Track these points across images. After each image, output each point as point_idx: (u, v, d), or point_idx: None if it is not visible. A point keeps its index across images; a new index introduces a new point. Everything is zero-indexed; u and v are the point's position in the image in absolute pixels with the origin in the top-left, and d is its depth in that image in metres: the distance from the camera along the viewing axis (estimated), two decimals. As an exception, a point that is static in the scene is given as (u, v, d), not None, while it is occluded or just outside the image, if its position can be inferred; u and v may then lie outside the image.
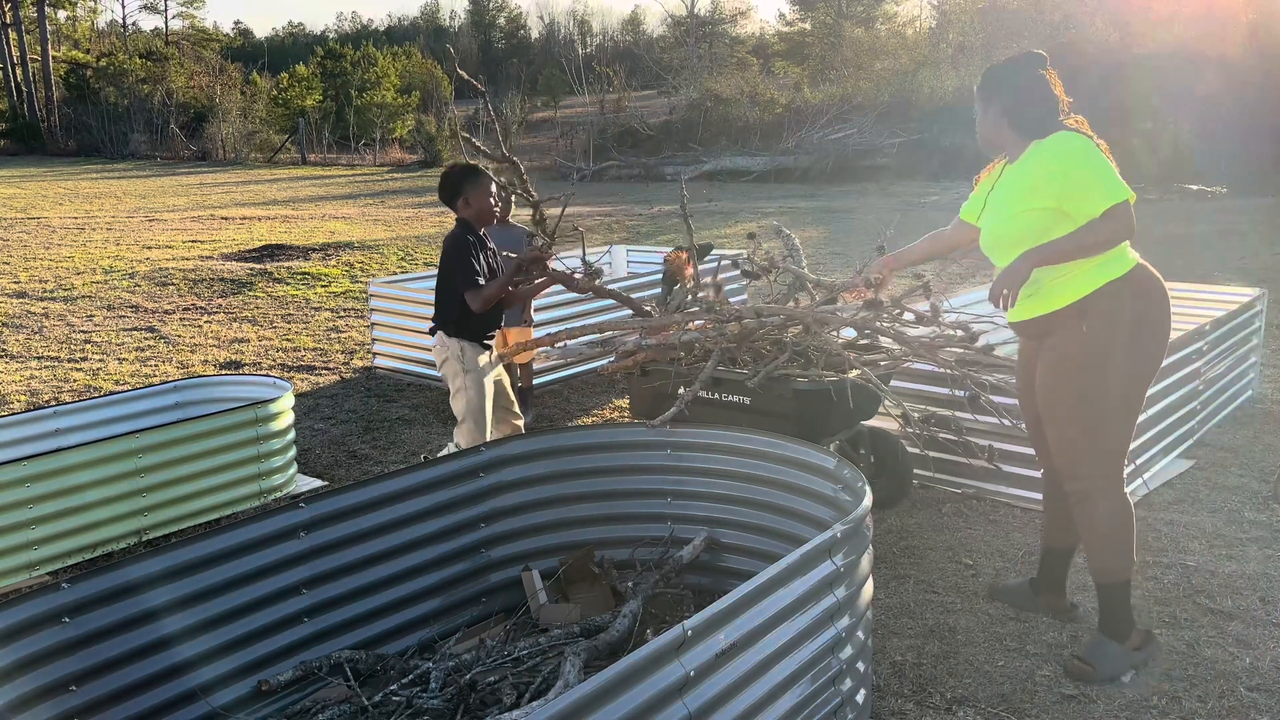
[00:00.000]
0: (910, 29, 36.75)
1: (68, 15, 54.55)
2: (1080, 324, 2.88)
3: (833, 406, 3.73)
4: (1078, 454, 2.96)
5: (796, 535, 3.09)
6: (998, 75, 3.03)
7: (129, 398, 4.75)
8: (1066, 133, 2.89)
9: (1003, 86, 2.99)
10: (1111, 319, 2.86)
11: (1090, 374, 2.89)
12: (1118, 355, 2.88)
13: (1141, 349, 2.91)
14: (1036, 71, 2.97)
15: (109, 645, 2.48)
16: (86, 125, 36.70)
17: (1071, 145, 2.85)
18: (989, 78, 3.05)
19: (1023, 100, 2.94)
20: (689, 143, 27.02)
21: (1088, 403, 2.90)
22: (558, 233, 5.31)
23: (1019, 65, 3.01)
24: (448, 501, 3.21)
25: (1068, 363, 2.92)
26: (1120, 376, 2.89)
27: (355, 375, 6.77)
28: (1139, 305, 2.88)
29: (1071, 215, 2.83)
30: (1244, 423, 5.35)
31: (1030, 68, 2.98)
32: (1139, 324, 2.88)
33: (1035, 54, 3.04)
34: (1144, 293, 2.90)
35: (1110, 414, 2.91)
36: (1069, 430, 2.96)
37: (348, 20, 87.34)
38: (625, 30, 67.51)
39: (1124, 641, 2.98)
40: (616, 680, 1.89)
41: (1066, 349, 2.92)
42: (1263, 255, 10.75)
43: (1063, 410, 2.96)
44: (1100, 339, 2.87)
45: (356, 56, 38.05)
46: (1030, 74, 2.96)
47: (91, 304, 9.19)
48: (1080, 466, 2.96)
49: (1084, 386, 2.90)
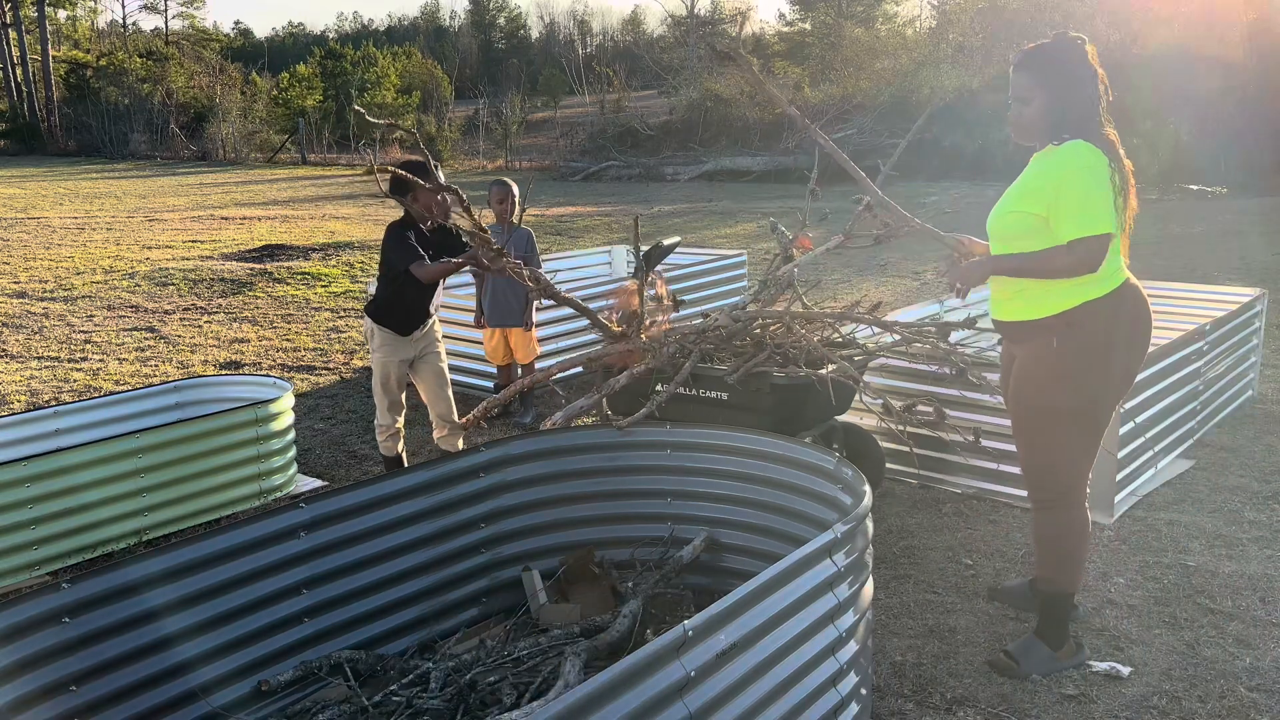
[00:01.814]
0: (910, 29, 36.76)
1: (68, 15, 54.58)
2: (1051, 339, 2.82)
3: (809, 401, 3.77)
4: (1036, 466, 2.95)
5: (797, 535, 3.09)
6: (1047, 58, 2.79)
7: (129, 398, 4.75)
8: (1082, 145, 2.75)
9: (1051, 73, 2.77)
10: (1084, 340, 2.79)
11: (1053, 391, 2.84)
12: (1085, 376, 2.80)
13: (1111, 371, 2.82)
14: (1087, 61, 2.77)
15: (109, 645, 2.48)
16: (86, 125, 36.70)
17: (1078, 160, 2.73)
18: (1038, 60, 2.81)
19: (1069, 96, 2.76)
20: (689, 143, 27.01)
21: (1047, 419, 2.87)
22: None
23: (1069, 51, 2.78)
24: (448, 501, 3.21)
25: (1034, 376, 2.88)
26: (1084, 397, 2.83)
27: (355, 375, 6.77)
28: (1116, 327, 2.80)
29: (1052, 232, 2.76)
30: (1244, 423, 5.35)
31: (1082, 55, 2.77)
32: (1112, 346, 2.80)
33: (1079, 39, 2.81)
34: (1125, 314, 2.81)
35: (1070, 432, 2.86)
36: (1028, 441, 2.94)
37: (348, 20, 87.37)
38: (625, 30, 67.53)
39: (1056, 650, 2.98)
40: (617, 680, 1.89)
41: (1035, 362, 2.88)
42: (1263, 255, 10.75)
43: (1022, 421, 2.94)
44: (1068, 358, 2.81)
45: (356, 56, 38.05)
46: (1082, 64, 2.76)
47: (91, 304, 9.19)
48: (1037, 478, 2.95)
49: (1045, 402, 2.86)
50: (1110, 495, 4.10)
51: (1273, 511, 4.17)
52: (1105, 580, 3.58)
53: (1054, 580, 2.98)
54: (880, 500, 4.31)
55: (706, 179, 24.10)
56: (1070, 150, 2.76)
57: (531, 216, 15.97)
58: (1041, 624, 3.02)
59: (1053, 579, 2.99)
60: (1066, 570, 2.97)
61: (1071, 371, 2.81)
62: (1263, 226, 13.30)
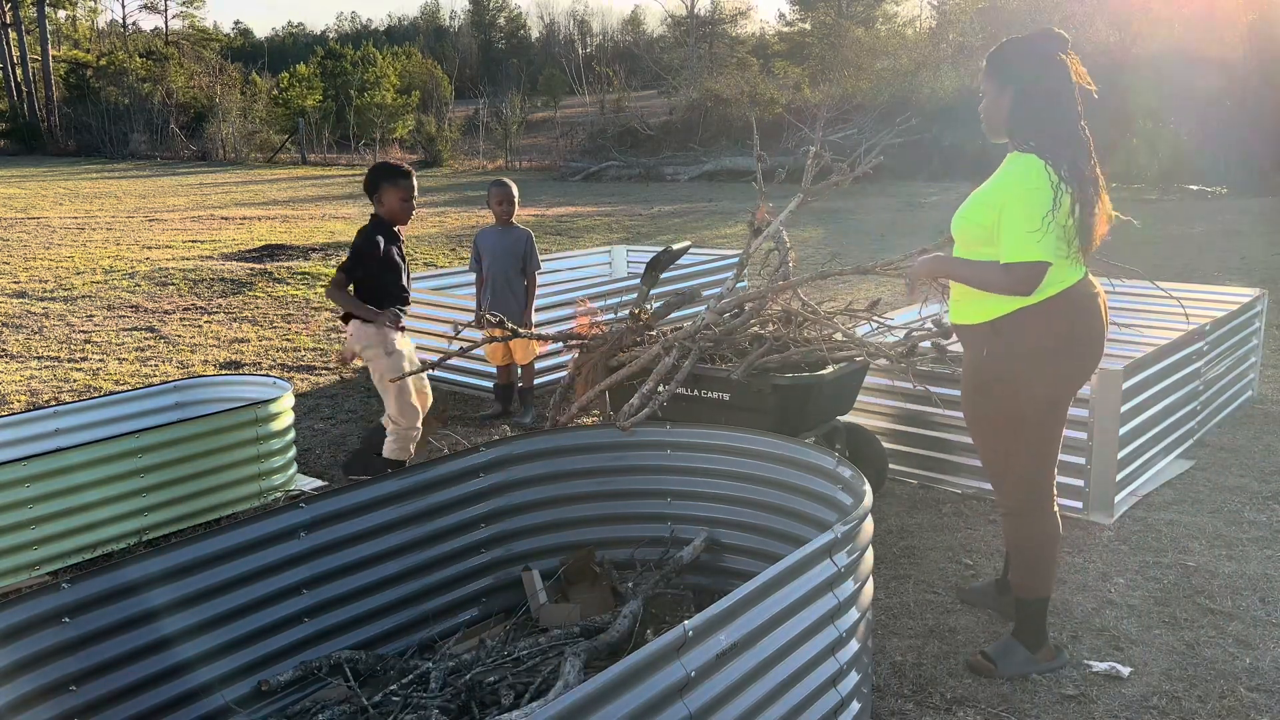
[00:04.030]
0: (910, 29, 36.77)
1: (68, 15, 54.60)
2: (983, 347, 2.80)
3: (811, 401, 3.77)
4: (994, 473, 2.95)
5: (797, 535, 3.09)
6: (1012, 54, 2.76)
7: (129, 398, 4.74)
8: (1033, 163, 2.68)
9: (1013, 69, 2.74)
10: (1011, 348, 2.75)
11: (989, 399, 2.83)
12: (1015, 384, 2.76)
13: (1045, 379, 2.76)
14: (1056, 57, 2.71)
15: (109, 645, 2.48)
16: (86, 125, 36.70)
17: (1024, 182, 2.66)
18: (1002, 56, 2.78)
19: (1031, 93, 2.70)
20: (689, 143, 27.01)
21: (984, 426, 2.87)
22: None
23: (1036, 46, 2.74)
24: (447, 502, 3.21)
25: (966, 382, 2.88)
26: (1028, 403, 2.77)
27: (355, 375, 6.77)
28: (1047, 336, 2.73)
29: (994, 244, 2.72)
30: (1244, 423, 5.35)
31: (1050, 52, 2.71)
32: (1043, 354, 2.74)
33: (1056, 34, 2.75)
34: (1059, 324, 2.73)
35: (1011, 439, 2.83)
36: (981, 448, 2.94)
37: (348, 20, 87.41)
38: (625, 30, 67.55)
39: (1034, 651, 2.98)
40: (617, 681, 1.89)
41: (968, 368, 2.88)
42: (1263, 255, 10.75)
43: (972, 428, 2.95)
44: (999, 365, 2.78)
45: (356, 56, 38.07)
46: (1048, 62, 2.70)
47: (91, 304, 9.19)
48: (999, 484, 2.94)
49: (985, 410, 2.85)
50: (1110, 495, 4.10)
51: (1272, 512, 4.17)
52: (1105, 580, 3.58)
53: (1027, 586, 2.96)
54: (880, 500, 4.31)
55: (706, 179, 24.11)
56: (1020, 169, 2.70)
57: (531, 216, 15.98)
58: (1019, 627, 3.01)
59: (1025, 585, 2.96)
60: (1038, 575, 2.94)
61: (1001, 378, 2.78)
62: (1263, 226, 13.31)
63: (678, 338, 3.95)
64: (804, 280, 4.14)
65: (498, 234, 5.56)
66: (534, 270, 5.58)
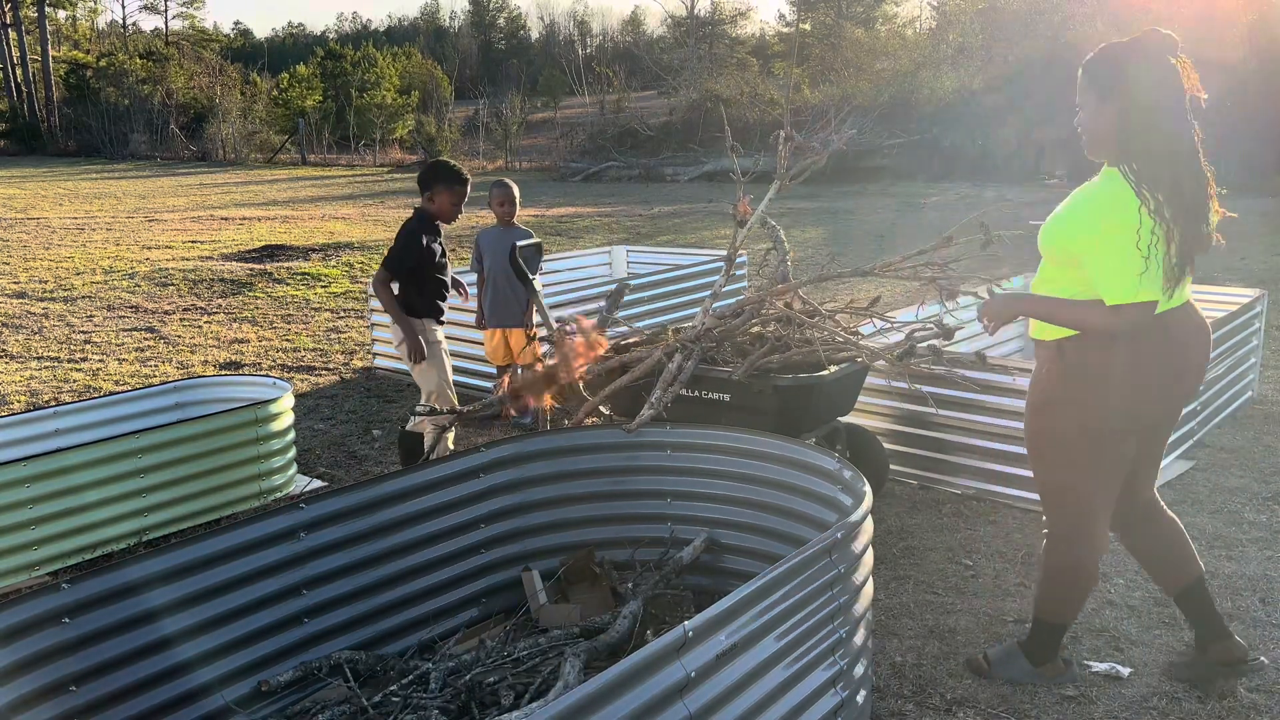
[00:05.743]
0: (910, 29, 36.76)
1: (68, 15, 54.61)
2: (1045, 365, 2.68)
3: (812, 402, 3.76)
4: (1041, 493, 2.83)
5: (797, 536, 3.09)
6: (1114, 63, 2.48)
7: (129, 398, 4.75)
8: (1120, 192, 2.44)
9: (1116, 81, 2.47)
10: (1073, 371, 2.60)
11: (1042, 417, 2.70)
12: (1070, 408, 2.61)
13: (1112, 407, 2.57)
14: (1164, 64, 2.43)
15: (109, 645, 2.48)
16: (86, 125, 36.72)
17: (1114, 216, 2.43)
18: (1102, 66, 2.50)
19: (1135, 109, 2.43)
20: (689, 143, 27.02)
21: (1039, 442, 2.74)
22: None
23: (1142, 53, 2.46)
24: (448, 502, 3.21)
25: (1029, 398, 2.76)
26: (1081, 430, 2.62)
27: (355, 375, 6.77)
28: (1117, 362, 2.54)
29: (1087, 277, 2.51)
30: (1244, 424, 5.35)
31: (1157, 58, 2.44)
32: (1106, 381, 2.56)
33: (1165, 36, 2.48)
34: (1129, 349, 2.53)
35: (1063, 462, 2.69)
36: (1032, 465, 2.82)
37: (348, 21, 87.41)
38: (625, 31, 67.61)
39: (1037, 666, 2.92)
40: (617, 681, 1.89)
41: (1032, 383, 2.76)
42: (1263, 255, 10.75)
43: (1027, 444, 2.81)
44: (1055, 386, 2.64)
45: (356, 57, 38.10)
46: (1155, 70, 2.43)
47: (91, 304, 9.19)
48: (1044, 503, 2.83)
49: (1035, 425, 2.74)
50: (1110, 496, 4.09)
51: (1273, 512, 4.17)
52: (1105, 580, 3.58)
53: (1048, 611, 2.88)
54: (880, 501, 4.31)
55: (706, 179, 24.12)
56: (1108, 198, 2.48)
57: (531, 216, 15.98)
58: (1029, 641, 2.95)
59: (1047, 609, 2.88)
60: (1064, 603, 2.85)
61: (1058, 400, 2.65)
62: (1263, 226, 13.32)
63: (681, 340, 3.96)
64: (804, 283, 4.15)
65: (499, 234, 5.56)
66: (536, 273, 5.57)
